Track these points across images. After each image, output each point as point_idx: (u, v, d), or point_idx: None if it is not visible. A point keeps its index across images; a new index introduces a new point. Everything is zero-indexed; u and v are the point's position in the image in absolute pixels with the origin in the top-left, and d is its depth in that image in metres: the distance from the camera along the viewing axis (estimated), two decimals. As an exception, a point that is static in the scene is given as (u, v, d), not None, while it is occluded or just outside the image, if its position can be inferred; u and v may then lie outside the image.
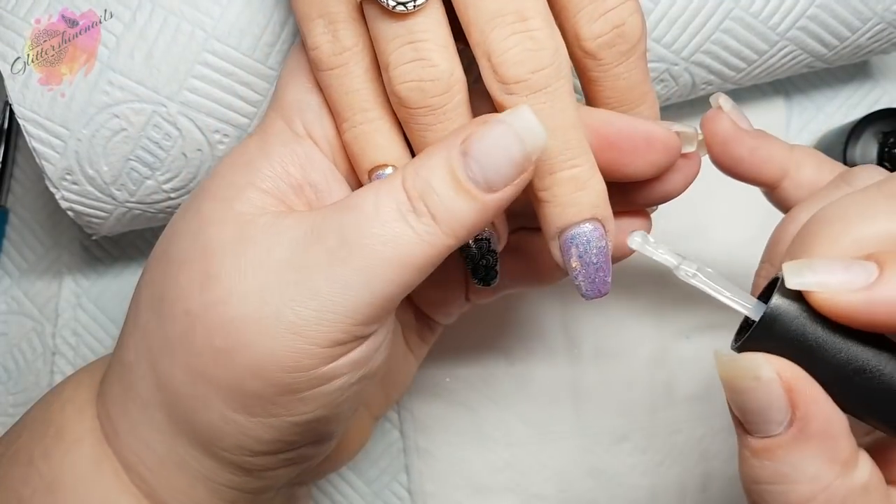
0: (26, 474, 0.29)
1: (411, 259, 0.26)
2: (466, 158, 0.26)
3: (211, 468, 0.28)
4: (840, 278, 0.22)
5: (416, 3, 0.26)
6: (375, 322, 0.27)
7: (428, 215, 0.26)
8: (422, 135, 0.28)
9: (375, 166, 0.29)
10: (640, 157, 0.29)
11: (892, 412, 0.24)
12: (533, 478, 0.45)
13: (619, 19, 0.28)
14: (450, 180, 0.26)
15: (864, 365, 0.23)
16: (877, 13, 0.39)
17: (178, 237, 0.28)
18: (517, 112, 0.26)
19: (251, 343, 0.26)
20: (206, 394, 0.27)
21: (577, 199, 0.27)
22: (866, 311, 0.22)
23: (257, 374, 0.26)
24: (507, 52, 0.26)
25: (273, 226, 0.27)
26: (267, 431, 0.27)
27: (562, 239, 0.28)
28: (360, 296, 0.25)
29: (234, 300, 0.26)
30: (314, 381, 0.26)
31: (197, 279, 0.27)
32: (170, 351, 0.27)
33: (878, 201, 0.23)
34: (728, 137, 0.31)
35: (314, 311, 0.25)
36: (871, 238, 0.23)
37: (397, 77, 0.27)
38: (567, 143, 0.27)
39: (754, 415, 0.23)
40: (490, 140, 0.26)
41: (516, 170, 0.26)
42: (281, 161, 0.28)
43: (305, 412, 0.27)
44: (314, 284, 0.25)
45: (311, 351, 0.26)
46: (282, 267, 0.26)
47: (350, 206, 0.26)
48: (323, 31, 0.28)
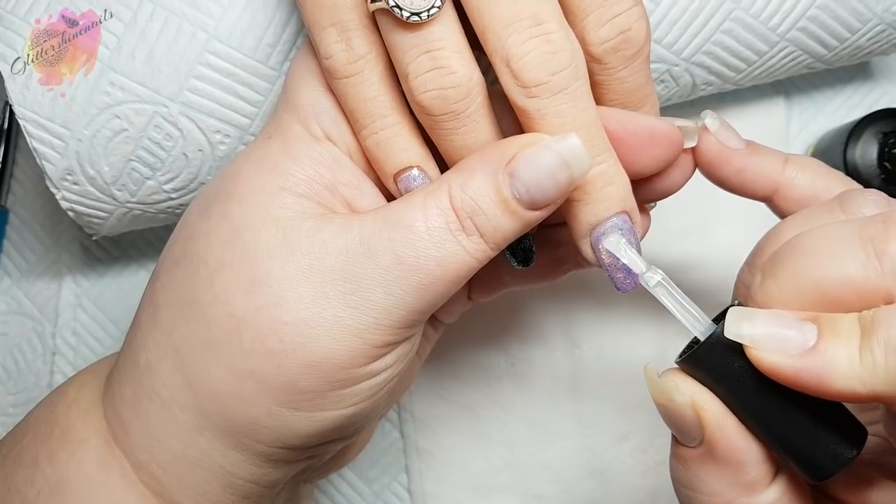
0: (31, 475, 0.29)
1: (460, 273, 0.27)
2: (513, 180, 0.27)
3: (236, 462, 0.29)
4: (775, 339, 0.23)
5: (430, 13, 0.27)
6: (419, 325, 0.29)
7: (477, 234, 0.27)
8: (448, 139, 0.28)
9: (400, 169, 0.29)
10: (644, 152, 0.29)
11: (802, 460, 0.25)
12: (533, 478, 0.45)
13: (626, 24, 0.28)
14: (497, 201, 0.27)
15: (781, 413, 0.24)
16: (876, 14, 0.39)
17: (201, 240, 0.29)
18: (565, 140, 0.27)
19: (307, 344, 0.27)
20: (252, 391, 0.28)
21: (608, 194, 0.28)
22: (794, 376, 0.23)
23: (312, 371, 0.27)
24: (526, 57, 0.26)
25: (318, 232, 0.28)
26: (309, 425, 0.28)
27: (593, 236, 0.29)
28: (414, 307, 0.27)
29: (287, 304, 0.27)
30: (364, 376, 0.28)
31: (239, 284, 0.27)
32: (207, 352, 0.28)
33: (853, 244, 0.23)
34: (712, 159, 0.31)
35: (373, 318, 0.27)
36: (832, 282, 0.23)
37: (418, 87, 0.27)
38: (592, 141, 0.28)
39: (674, 428, 0.26)
40: (537, 166, 0.27)
41: (561, 193, 0.27)
42: (310, 163, 0.29)
43: (349, 405, 0.28)
44: (371, 296, 0.27)
45: (366, 350, 0.28)
46: (336, 277, 0.27)
47: (399, 223, 0.27)
48: (336, 39, 0.28)
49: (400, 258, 0.27)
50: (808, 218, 0.28)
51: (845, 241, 0.23)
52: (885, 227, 0.23)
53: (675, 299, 0.27)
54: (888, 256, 0.22)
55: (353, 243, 0.27)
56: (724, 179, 0.31)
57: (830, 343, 0.22)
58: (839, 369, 0.22)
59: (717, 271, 0.45)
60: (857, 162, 0.43)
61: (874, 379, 0.22)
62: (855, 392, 0.22)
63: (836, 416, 0.24)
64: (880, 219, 0.23)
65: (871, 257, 0.23)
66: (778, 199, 0.31)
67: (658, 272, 0.27)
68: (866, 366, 0.22)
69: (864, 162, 0.43)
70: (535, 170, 0.27)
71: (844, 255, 0.23)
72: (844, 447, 0.24)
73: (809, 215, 0.28)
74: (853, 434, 0.24)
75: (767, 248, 0.28)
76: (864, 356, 0.22)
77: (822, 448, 0.24)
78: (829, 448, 0.24)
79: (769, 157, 0.31)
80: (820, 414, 0.24)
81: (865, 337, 0.22)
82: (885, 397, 0.22)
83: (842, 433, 0.24)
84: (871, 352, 0.22)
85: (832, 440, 0.24)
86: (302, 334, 0.27)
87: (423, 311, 0.28)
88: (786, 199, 0.31)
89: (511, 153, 0.27)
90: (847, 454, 0.24)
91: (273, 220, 0.28)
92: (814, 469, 0.25)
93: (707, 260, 0.45)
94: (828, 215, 0.27)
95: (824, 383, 0.22)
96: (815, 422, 0.24)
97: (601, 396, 0.45)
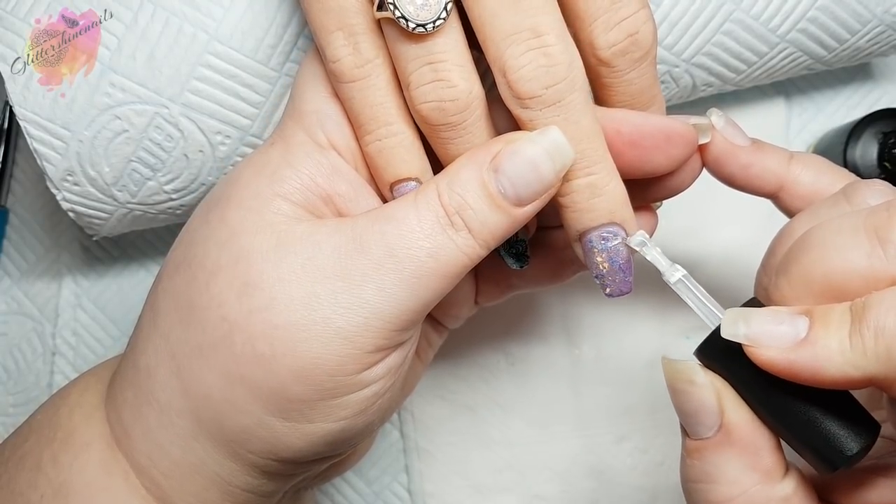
0: (34, 479, 0.29)
1: (452, 269, 0.27)
2: (498, 175, 0.27)
3: (231, 471, 0.29)
4: (769, 335, 0.24)
5: (435, 25, 0.27)
6: (412, 327, 0.28)
7: (465, 228, 0.27)
8: (445, 147, 0.29)
9: (399, 180, 0.29)
10: (660, 153, 0.30)
11: (813, 452, 0.25)
12: (533, 478, 0.45)
13: (634, 28, 0.28)
14: (483, 196, 0.27)
15: (789, 406, 0.25)
16: (876, 16, 0.39)
17: (200, 245, 0.29)
18: (546, 132, 0.27)
19: (297, 348, 0.27)
20: (243, 398, 0.27)
21: (595, 205, 0.28)
22: (787, 368, 0.23)
23: (301, 378, 0.27)
24: (522, 70, 0.27)
25: (311, 234, 0.28)
26: (300, 438, 0.28)
27: (583, 241, 0.29)
28: (405, 304, 0.27)
29: (278, 307, 0.27)
30: (354, 385, 0.28)
31: (233, 287, 0.27)
32: (202, 357, 0.28)
33: (858, 234, 0.23)
34: (719, 156, 0.31)
35: (363, 318, 0.27)
36: (840, 274, 0.23)
37: (418, 97, 0.28)
38: (582, 152, 0.28)
39: (689, 416, 0.26)
40: (520, 158, 0.27)
41: (545, 186, 0.27)
42: (308, 172, 0.29)
43: (340, 419, 0.28)
44: (362, 293, 0.27)
45: (356, 356, 0.27)
46: (327, 275, 0.27)
47: (391, 217, 0.27)
48: (343, 43, 0.28)
49: (392, 250, 0.27)
50: (816, 213, 0.28)
51: (850, 232, 0.24)
52: (888, 216, 0.23)
53: (695, 296, 0.27)
54: (893, 243, 0.23)
55: (345, 240, 0.27)
56: (731, 176, 0.32)
57: (821, 332, 0.23)
58: (831, 357, 0.23)
59: (718, 271, 0.45)
60: (857, 162, 0.43)
61: (866, 362, 0.22)
62: (849, 377, 0.23)
63: (846, 409, 0.25)
64: (884, 207, 0.24)
65: (875, 246, 0.23)
66: (783, 196, 0.31)
67: (679, 269, 0.28)
68: (857, 350, 0.22)
69: (864, 162, 0.43)
70: (519, 163, 0.27)
71: (850, 245, 0.23)
72: (854, 440, 0.24)
73: (816, 211, 0.28)
74: (864, 428, 0.25)
75: (779, 249, 0.28)
76: (854, 341, 0.22)
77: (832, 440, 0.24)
78: (839, 441, 0.24)
79: (774, 154, 0.31)
80: (829, 407, 0.24)
81: (856, 322, 0.23)
82: (879, 380, 0.22)
83: (852, 426, 0.25)
84: (861, 336, 0.22)
85: (842, 433, 0.24)
86: (292, 338, 0.27)
87: (414, 311, 0.27)
88: (791, 196, 0.31)
89: (496, 150, 0.28)
90: (855, 447, 0.24)
91: (267, 224, 0.28)
92: (823, 460, 0.25)
93: (707, 260, 0.45)
94: (834, 209, 0.27)
95: (818, 372, 0.23)
96: (823, 414, 0.24)
97: (601, 396, 0.45)
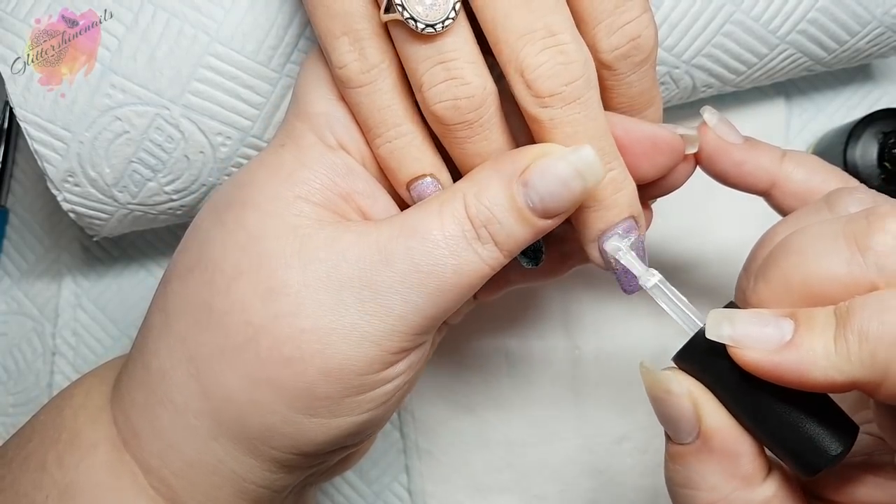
0: (39, 480, 0.29)
1: (475, 280, 0.28)
2: (527, 190, 0.27)
3: (250, 467, 0.29)
4: (753, 337, 0.24)
5: (444, 24, 0.27)
6: (433, 330, 0.29)
7: (491, 242, 0.28)
8: (461, 147, 0.29)
9: (414, 178, 0.30)
10: (647, 159, 0.30)
11: (792, 455, 0.25)
12: (533, 478, 0.45)
13: (636, 32, 0.28)
14: (511, 210, 0.27)
15: (770, 409, 0.25)
16: (876, 17, 0.40)
17: (217, 248, 0.29)
18: (579, 151, 0.27)
19: (325, 350, 0.27)
20: (269, 398, 0.28)
21: (617, 201, 0.29)
22: (772, 370, 0.23)
23: (330, 378, 0.28)
24: (540, 68, 0.27)
25: (336, 241, 0.28)
26: (325, 432, 0.29)
27: (601, 240, 0.29)
28: (428, 312, 0.28)
29: (306, 312, 0.27)
30: (379, 382, 0.29)
31: (256, 292, 0.28)
32: (223, 360, 0.28)
33: (838, 241, 0.24)
34: (712, 152, 0.31)
35: (390, 325, 0.28)
36: (819, 280, 0.24)
37: (432, 98, 0.27)
38: (603, 150, 0.28)
39: (668, 423, 0.26)
40: (552, 176, 0.27)
41: (574, 202, 0.28)
42: (325, 172, 0.29)
43: (364, 412, 0.29)
44: (388, 303, 0.27)
45: (382, 356, 0.28)
46: (353, 284, 0.27)
47: (415, 230, 0.28)
48: (349, 48, 0.28)
49: (417, 266, 0.27)
50: (797, 219, 0.28)
51: (830, 239, 0.24)
52: (867, 223, 0.24)
53: (672, 301, 0.28)
54: (871, 251, 0.23)
55: (370, 251, 0.28)
56: (723, 173, 0.32)
57: (806, 336, 0.23)
58: (816, 360, 0.23)
59: (717, 271, 0.45)
60: (857, 162, 0.43)
61: (850, 367, 0.22)
62: (834, 381, 0.23)
63: (825, 412, 0.25)
64: (863, 215, 0.24)
65: (854, 253, 0.23)
66: (775, 193, 0.32)
67: (655, 274, 0.28)
68: (841, 354, 0.22)
69: (864, 162, 0.43)
70: (550, 180, 0.27)
71: (829, 252, 0.24)
72: (834, 443, 0.25)
73: (798, 217, 0.28)
74: (843, 430, 0.25)
75: (760, 253, 0.28)
76: (838, 345, 0.23)
77: (812, 443, 0.25)
78: (819, 443, 0.25)
79: (767, 151, 0.32)
80: (808, 410, 0.25)
81: (840, 326, 0.23)
82: (863, 384, 0.23)
83: (831, 429, 0.25)
84: (846, 340, 0.22)
85: (821, 436, 0.25)
86: (320, 341, 0.27)
87: (437, 318, 0.28)
88: (783, 194, 0.32)
89: (524, 163, 0.27)
90: (836, 449, 0.25)
91: (290, 229, 0.28)
92: (804, 464, 0.25)
93: (707, 260, 0.45)
94: (815, 215, 0.28)
95: (803, 375, 0.23)
96: (803, 417, 0.25)
97: (601, 396, 0.45)
